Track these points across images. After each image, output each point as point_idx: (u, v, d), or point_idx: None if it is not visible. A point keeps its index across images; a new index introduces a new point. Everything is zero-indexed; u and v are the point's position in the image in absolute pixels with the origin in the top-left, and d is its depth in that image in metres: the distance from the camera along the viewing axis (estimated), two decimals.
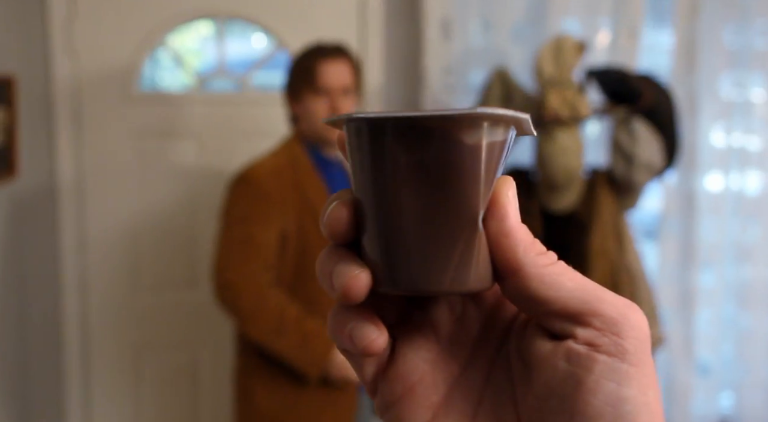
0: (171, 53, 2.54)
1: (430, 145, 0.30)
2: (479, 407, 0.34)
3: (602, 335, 0.31)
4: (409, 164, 0.30)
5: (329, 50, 1.90)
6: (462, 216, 0.31)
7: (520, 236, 0.32)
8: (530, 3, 2.47)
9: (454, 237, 0.31)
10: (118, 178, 2.49)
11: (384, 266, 0.32)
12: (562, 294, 0.31)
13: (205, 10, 2.47)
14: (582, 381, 0.30)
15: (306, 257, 1.85)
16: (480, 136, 0.30)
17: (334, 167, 1.95)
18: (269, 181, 1.83)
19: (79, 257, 2.51)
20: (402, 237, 0.31)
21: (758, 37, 2.48)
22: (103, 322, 2.53)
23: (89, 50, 2.44)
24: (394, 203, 0.31)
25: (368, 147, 0.31)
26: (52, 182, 2.47)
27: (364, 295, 0.32)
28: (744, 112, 2.51)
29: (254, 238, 1.80)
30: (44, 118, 2.45)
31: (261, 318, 1.78)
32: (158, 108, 2.49)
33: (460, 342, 0.35)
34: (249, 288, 1.79)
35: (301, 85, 1.89)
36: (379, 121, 0.31)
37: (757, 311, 2.58)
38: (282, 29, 2.49)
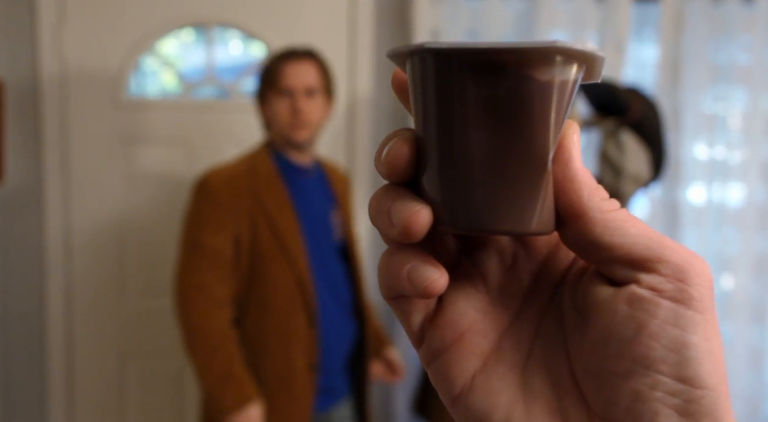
0: (156, 59, 2.53)
1: (499, 79, 0.29)
2: (530, 356, 0.34)
3: (667, 281, 0.30)
4: (477, 99, 0.29)
5: (292, 52, 1.90)
6: (530, 156, 0.30)
7: (585, 180, 0.31)
8: (518, 15, 2.51)
9: (521, 177, 0.30)
10: (105, 184, 2.47)
11: (446, 204, 0.31)
12: (627, 240, 0.31)
13: (194, 17, 2.47)
14: (645, 326, 0.30)
15: (259, 264, 1.84)
16: (553, 73, 0.29)
17: (302, 174, 1.94)
18: (221, 187, 1.83)
19: (64, 263, 2.48)
20: (467, 175, 0.30)
21: (741, 53, 2.54)
22: (88, 329, 2.51)
23: (77, 55, 2.43)
24: (460, 139, 0.30)
25: (434, 80, 0.30)
26: (38, 187, 2.45)
27: (425, 232, 0.31)
28: (726, 125, 2.56)
29: (204, 244, 1.80)
30: (31, 122, 2.43)
31: (198, 339, 1.77)
32: (145, 114, 2.48)
33: (511, 291, 0.35)
34: (197, 305, 1.78)
35: (266, 88, 1.89)
36: (446, 53, 0.29)
37: (737, 322, 2.62)
38: (272, 37, 2.49)
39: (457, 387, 0.34)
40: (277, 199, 1.86)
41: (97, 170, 2.47)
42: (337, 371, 1.97)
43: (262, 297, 1.85)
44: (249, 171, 1.87)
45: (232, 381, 1.77)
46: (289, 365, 1.85)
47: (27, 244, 2.47)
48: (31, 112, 2.43)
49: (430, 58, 0.30)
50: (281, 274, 1.84)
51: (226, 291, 1.82)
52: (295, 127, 1.86)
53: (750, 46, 2.53)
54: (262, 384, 1.85)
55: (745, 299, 2.63)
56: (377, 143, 2.57)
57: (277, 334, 1.85)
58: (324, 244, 1.93)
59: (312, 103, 1.88)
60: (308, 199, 1.93)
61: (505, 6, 2.49)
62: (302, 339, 1.85)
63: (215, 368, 1.77)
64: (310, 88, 1.87)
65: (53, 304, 2.49)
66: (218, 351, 1.78)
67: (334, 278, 1.95)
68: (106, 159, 2.47)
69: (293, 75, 1.86)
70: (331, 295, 1.93)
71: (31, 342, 2.51)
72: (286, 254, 1.83)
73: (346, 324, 1.97)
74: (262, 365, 1.85)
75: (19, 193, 2.44)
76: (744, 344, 2.64)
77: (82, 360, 2.52)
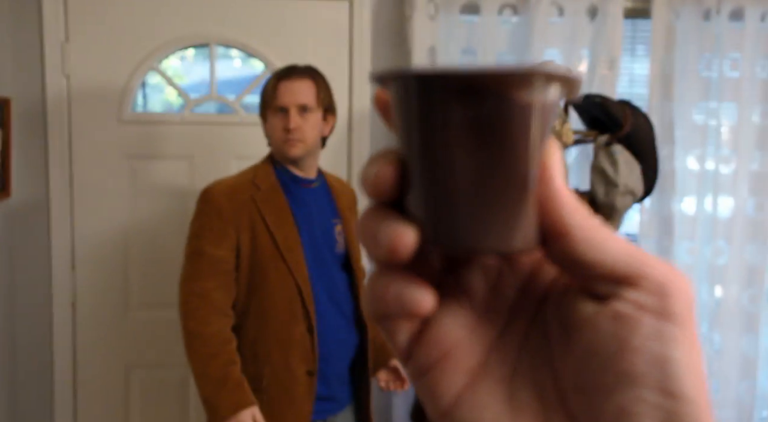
0: (160, 76, 2.58)
1: (480, 102, 0.29)
2: (516, 371, 0.34)
3: (648, 297, 0.31)
4: (459, 121, 0.30)
5: (289, 70, 1.96)
6: (513, 176, 0.30)
7: (566, 199, 0.32)
8: (513, 33, 2.57)
9: (504, 197, 0.30)
10: (109, 198, 2.52)
11: (431, 224, 0.31)
12: (609, 257, 0.31)
13: (196, 37, 2.53)
14: (627, 342, 0.30)
15: (259, 272, 1.90)
16: (532, 95, 0.29)
17: (303, 187, 1.99)
18: (222, 198, 1.90)
19: (69, 275, 2.53)
20: (451, 195, 0.31)
21: (730, 68, 2.60)
22: (94, 340, 2.55)
23: (82, 73, 2.48)
24: (443, 161, 0.30)
25: (416, 103, 0.30)
26: (45, 201, 2.50)
27: (410, 252, 0.31)
28: (716, 139, 2.62)
29: (206, 253, 1.87)
30: (38, 138, 2.48)
31: (197, 344, 1.84)
32: (149, 129, 2.54)
33: (496, 308, 0.35)
34: (197, 311, 1.85)
35: (265, 105, 1.97)
36: (428, 78, 0.30)
37: (729, 331, 2.68)
38: (274, 56, 2.55)
39: (444, 403, 0.35)
40: (277, 209, 1.92)
41: (102, 184, 2.52)
42: (338, 379, 2.00)
43: (262, 304, 1.91)
44: (250, 182, 1.94)
45: (229, 387, 1.82)
46: (288, 372, 1.90)
47: (33, 257, 2.52)
48: (38, 127, 2.48)
49: (412, 83, 0.30)
50: (281, 282, 1.89)
51: (226, 299, 1.89)
52: (288, 144, 1.92)
53: (739, 61, 2.60)
54: (261, 390, 1.88)
55: (737, 309, 2.68)
56: None
57: (277, 341, 1.90)
58: (325, 254, 1.98)
59: (306, 120, 1.93)
60: (310, 210, 1.98)
61: (501, 24, 2.55)
62: (301, 347, 1.90)
63: (212, 373, 1.83)
64: (304, 106, 1.92)
65: (59, 315, 2.53)
66: (216, 357, 1.83)
67: (336, 288, 1.99)
68: (110, 173, 2.53)
69: (286, 92, 1.92)
70: (331, 304, 1.97)
71: (37, 353, 2.55)
72: (285, 263, 1.89)
73: (347, 333, 2.01)
74: (261, 372, 1.89)
75: (25, 206, 2.49)
76: (736, 353, 2.69)
77: (88, 370, 2.57)
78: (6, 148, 2.38)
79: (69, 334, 2.55)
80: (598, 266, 0.31)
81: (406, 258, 0.32)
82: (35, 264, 2.52)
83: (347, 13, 2.58)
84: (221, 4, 2.52)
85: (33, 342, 2.55)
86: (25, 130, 2.47)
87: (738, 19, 2.57)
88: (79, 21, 2.47)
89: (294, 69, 1.97)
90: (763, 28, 2.59)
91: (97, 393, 2.56)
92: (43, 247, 2.52)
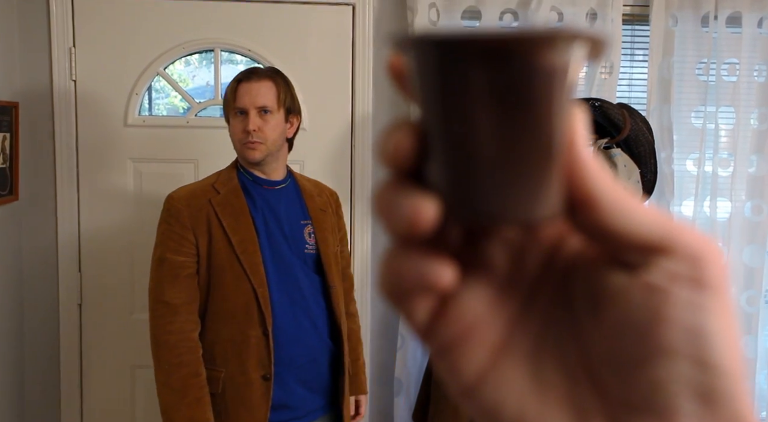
0: (165, 80, 2.62)
1: (504, 66, 0.28)
2: (541, 346, 0.33)
3: (681, 265, 0.30)
4: (482, 86, 0.28)
5: (249, 72, 1.95)
6: (537, 141, 0.29)
7: (592, 165, 0.31)
8: None
9: (528, 164, 0.29)
10: (115, 200, 2.56)
11: (452, 195, 0.30)
12: (640, 226, 0.30)
13: (201, 42, 2.56)
14: (660, 313, 0.29)
15: (216, 275, 1.89)
16: (558, 57, 0.28)
17: (267, 188, 1.97)
18: (182, 203, 1.89)
19: (75, 278, 2.56)
20: (473, 164, 0.29)
21: (728, 74, 2.64)
22: (99, 341, 2.58)
23: (89, 78, 2.52)
24: (466, 128, 0.29)
25: (437, 69, 0.29)
26: (51, 203, 2.53)
27: (432, 224, 0.30)
28: (714, 142, 2.66)
29: (168, 259, 1.87)
30: (45, 142, 2.52)
31: (160, 353, 1.84)
32: (155, 133, 2.57)
33: (518, 281, 0.34)
34: (161, 319, 1.85)
35: (226, 108, 1.96)
36: (449, 42, 0.28)
37: None
38: (278, 60, 2.59)
39: (466, 381, 0.33)
40: (235, 212, 1.91)
41: (108, 187, 2.56)
42: (304, 386, 1.96)
43: (218, 307, 1.89)
44: (211, 186, 1.94)
45: (187, 401, 1.81)
46: (243, 376, 1.87)
47: (40, 259, 2.55)
48: (45, 131, 2.52)
49: (433, 48, 0.29)
50: (237, 285, 1.87)
51: (191, 305, 1.87)
52: (247, 146, 1.90)
53: (736, 66, 2.63)
54: (218, 395, 1.88)
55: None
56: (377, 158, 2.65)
57: (232, 345, 1.88)
58: (290, 257, 1.94)
59: (266, 121, 1.91)
60: (275, 212, 1.96)
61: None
62: (257, 351, 1.87)
63: (173, 383, 1.82)
64: (263, 107, 1.91)
65: (66, 316, 2.57)
66: (180, 367, 1.83)
67: (301, 291, 1.95)
68: (116, 176, 2.56)
69: (246, 95, 1.91)
70: (294, 307, 1.93)
71: (44, 353, 2.59)
72: (241, 265, 1.87)
73: (315, 338, 1.96)
74: (218, 376, 1.88)
75: (32, 209, 2.53)
76: None
77: (94, 370, 2.60)
78: (14, 152, 2.42)
79: (76, 335, 2.58)
80: (627, 234, 0.30)
81: (427, 230, 0.30)
82: (42, 266, 2.56)
83: (350, 18, 2.61)
84: (226, 10, 2.56)
85: (40, 343, 2.58)
86: (33, 133, 2.51)
87: (735, 24, 2.61)
88: (86, 27, 2.51)
89: (254, 71, 1.96)
90: (760, 33, 2.63)
91: (103, 393, 2.59)
92: (50, 249, 2.55)
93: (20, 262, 2.53)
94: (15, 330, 2.51)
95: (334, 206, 2.13)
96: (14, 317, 2.50)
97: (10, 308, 2.48)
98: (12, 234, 2.47)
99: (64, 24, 2.48)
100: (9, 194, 2.40)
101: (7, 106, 2.37)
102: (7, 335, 2.46)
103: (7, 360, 2.46)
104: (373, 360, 2.72)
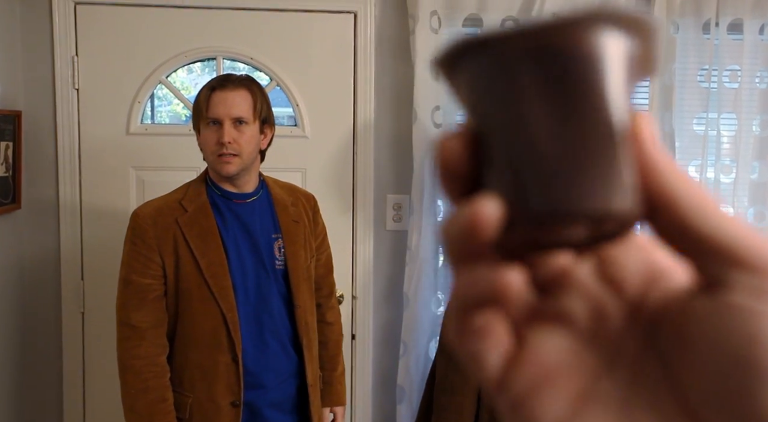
0: (168, 88, 2.63)
1: (549, 58, 0.28)
2: (632, 392, 0.30)
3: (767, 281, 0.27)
4: (532, 81, 0.28)
5: (223, 80, 1.84)
6: (596, 127, 0.28)
7: (667, 163, 0.29)
8: None
9: (591, 152, 0.28)
10: (118, 209, 2.56)
11: (516, 195, 0.29)
12: (721, 230, 0.28)
13: (203, 51, 2.57)
14: (753, 335, 0.27)
15: (183, 299, 1.82)
16: (599, 40, 0.28)
17: (238, 202, 1.88)
18: (147, 222, 1.81)
19: (79, 285, 2.57)
20: (536, 161, 0.28)
21: (729, 81, 2.64)
22: (102, 349, 2.58)
23: (91, 86, 2.53)
24: (524, 126, 0.28)
25: (485, 72, 0.29)
26: (54, 212, 2.54)
27: (495, 223, 0.28)
28: (716, 149, 2.66)
29: (133, 281, 1.80)
30: (48, 150, 2.52)
31: (127, 378, 1.80)
32: (157, 141, 2.58)
33: (602, 333, 0.31)
34: (127, 343, 1.80)
35: (197, 118, 1.85)
36: (490, 44, 0.28)
37: None
38: (279, 68, 2.59)
39: None
40: (203, 232, 1.82)
41: (111, 195, 2.56)
42: (276, 408, 1.91)
43: (186, 332, 1.83)
44: (178, 203, 1.85)
45: None
46: (211, 403, 1.82)
47: (43, 267, 2.56)
48: (48, 140, 2.52)
49: (478, 52, 0.29)
50: (205, 310, 1.80)
51: (158, 328, 1.82)
52: (222, 160, 1.80)
53: (738, 73, 2.63)
54: (184, 420, 1.83)
55: None
56: (379, 165, 2.66)
57: (200, 371, 1.83)
58: (260, 276, 1.87)
59: (242, 133, 1.81)
60: (246, 227, 1.88)
61: None
62: (226, 377, 1.82)
63: (140, 409, 1.78)
64: (238, 118, 1.80)
65: (69, 325, 2.57)
66: (146, 393, 1.78)
67: (270, 311, 1.88)
68: (119, 184, 2.57)
69: (220, 104, 1.79)
70: (263, 331, 1.87)
71: (47, 362, 2.59)
72: (210, 290, 1.80)
73: (283, 359, 1.91)
74: (186, 401, 1.83)
75: (35, 217, 2.53)
76: None
77: (97, 378, 2.60)
78: (17, 160, 2.43)
79: (78, 343, 2.59)
80: (708, 237, 0.28)
81: (491, 231, 0.28)
82: (45, 274, 2.56)
83: (352, 26, 2.62)
84: (228, 18, 2.57)
85: (43, 351, 2.58)
86: (36, 142, 2.51)
87: (737, 31, 2.61)
88: (88, 36, 2.52)
89: (228, 78, 1.84)
90: (761, 40, 2.63)
91: (106, 401, 2.59)
92: (52, 257, 2.56)
93: (23, 270, 2.54)
94: (18, 338, 2.52)
95: (310, 213, 2.03)
96: (17, 325, 2.51)
97: (13, 316, 2.48)
98: (14, 243, 2.48)
99: (66, 32, 2.49)
100: (12, 202, 2.41)
101: (10, 115, 2.38)
102: (10, 343, 2.47)
103: (9, 368, 2.46)
104: (376, 367, 2.72)
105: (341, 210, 2.64)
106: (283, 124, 2.71)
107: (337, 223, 2.61)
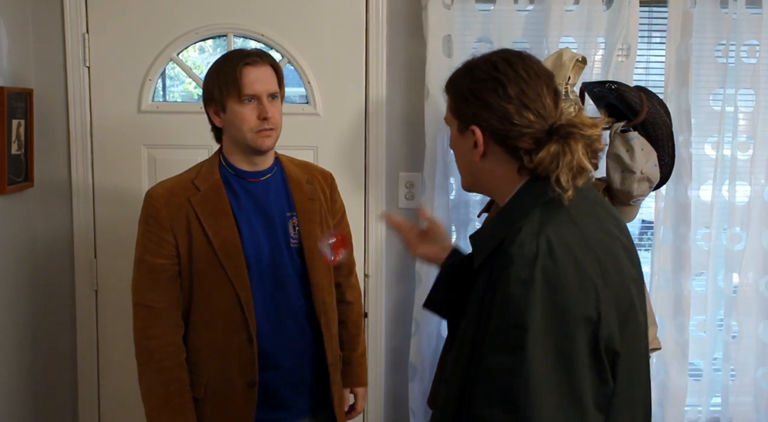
0: (179, 66, 2.61)
1: None
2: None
3: None
4: None
5: (252, 55, 1.82)
6: None
7: None
8: (528, 21, 2.57)
9: None
10: (130, 187, 2.56)
11: None
12: None
13: (215, 28, 2.55)
14: None
15: (198, 279, 1.81)
16: None
17: (253, 180, 1.87)
18: (160, 202, 1.81)
19: (92, 263, 2.57)
20: None
21: (747, 56, 2.59)
22: (115, 327, 2.59)
23: (103, 64, 2.52)
24: None
25: None
26: (66, 191, 2.54)
27: None
28: (733, 125, 2.62)
29: (147, 261, 1.80)
30: (59, 128, 2.52)
31: (143, 358, 1.80)
32: (168, 118, 2.57)
33: None
34: (143, 324, 1.80)
35: (226, 94, 1.79)
36: None
37: (746, 317, 2.68)
38: (291, 46, 2.57)
39: None
40: (216, 212, 1.81)
41: (123, 173, 2.56)
42: (293, 388, 1.90)
43: (201, 313, 1.82)
44: (190, 183, 1.84)
45: (171, 407, 1.78)
46: (226, 383, 1.82)
47: (56, 245, 2.56)
48: (60, 118, 2.52)
49: None
50: (219, 290, 1.79)
51: (173, 308, 1.81)
52: (262, 134, 1.80)
53: (756, 48, 2.59)
54: (201, 400, 1.83)
55: (754, 295, 2.68)
56: (391, 142, 2.64)
57: (215, 351, 1.82)
58: (275, 255, 1.85)
59: (276, 107, 1.83)
60: (260, 205, 1.87)
61: (516, 12, 2.55)
62: (241, 358, 1.80)
63: (157, 390, 1.78)
64: (272, 93, 1.82)
65: (82, 302, 2.59)
66: (162, 373, 1.78)
67: (286, 291, 1.87)
68: (131, 162, 2.56)
69: (257, 81, 1.79)
70: (279, 310, 1.86)
71: (60, 339, 2.60)
72: (224, 270, 1.78)
73: (299, 338, 1.89)
74: (201, 382, 1.82)
75: (48, 195, 2.54)
76: (753, 339, 2.69)
77: (110, 356, 2.61)
78: (29, 138, 2.43)
79: (92, 321, 2.60)
80: None
81: None
82: (58, 252, 2.57)
83: (363, 3, 2.59)
84: None
85: (56, 329, 2.60)
86: (47, 120, 2.51)
87: (756, 5, 2.56)
88: (99, 13, 2.51)
89: (255, 53, 1.83)
90: None
91: (119, 379, 2.60)
92: (65, 235, 2.56)
93: (36, 248, 2.54)
94: (31, 316, 2.53)
95: (328, 190, 2.01)
96: (30, 303, 2.52)
97: (26, 294, 2.49)
98: (27, 220, 2.49)
99: (77, 10, 2.48)
100: (24, 180, 2.41)
101: (22, 93, 2.37)
102: (23, 321, 2.48)
103: (23, 346, 2.48)
104: (387, 346, 2.72)
105: (353, 188, 2.63)
106: (295, 101, 2.69)
107: (350, 201, 2.58)
